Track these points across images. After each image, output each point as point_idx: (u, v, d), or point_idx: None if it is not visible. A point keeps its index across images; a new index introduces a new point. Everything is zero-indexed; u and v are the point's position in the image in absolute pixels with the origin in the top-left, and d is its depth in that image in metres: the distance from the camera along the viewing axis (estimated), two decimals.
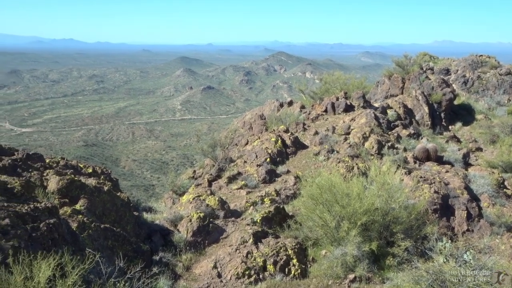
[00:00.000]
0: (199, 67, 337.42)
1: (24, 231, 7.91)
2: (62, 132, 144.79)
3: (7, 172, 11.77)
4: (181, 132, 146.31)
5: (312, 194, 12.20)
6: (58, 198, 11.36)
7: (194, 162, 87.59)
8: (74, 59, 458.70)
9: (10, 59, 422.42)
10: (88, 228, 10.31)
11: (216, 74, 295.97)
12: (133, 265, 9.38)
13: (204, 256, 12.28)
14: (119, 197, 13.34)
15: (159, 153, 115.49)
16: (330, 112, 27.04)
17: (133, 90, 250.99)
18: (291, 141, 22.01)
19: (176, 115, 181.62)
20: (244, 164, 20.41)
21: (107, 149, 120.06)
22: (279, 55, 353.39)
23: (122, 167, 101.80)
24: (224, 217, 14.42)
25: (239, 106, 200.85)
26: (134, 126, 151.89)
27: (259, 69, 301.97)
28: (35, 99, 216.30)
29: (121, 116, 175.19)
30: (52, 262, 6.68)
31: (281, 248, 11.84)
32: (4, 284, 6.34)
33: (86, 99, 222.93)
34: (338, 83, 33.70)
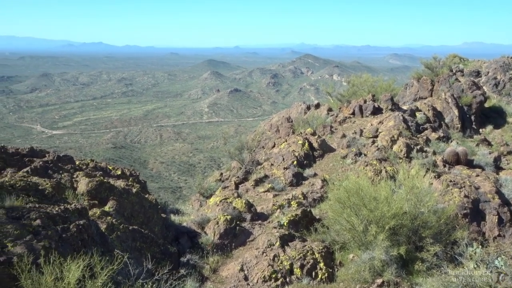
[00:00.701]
0: (226, 70, 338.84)
1: (54, 232, 8.04)
2: (91, 135, 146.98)
3: (38, 174, 12.00)
4: (208, 134, 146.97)
5: (339, 198, 12.12)
6: (87, 200, 11.54)
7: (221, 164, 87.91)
8: (103, 62, 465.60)
9: (42, 62, 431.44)
10: (116, 230, 10.43)
11: (243, 76, 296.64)
12: (161, 267, 9.44)
13: (231, 258, 12.30)
14: (147, 199, 13.47)
15: (187, 156, 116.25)
16: (357, 114, 26.83)
17: (161, 93, 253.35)
18: (318, 144, 21.91)
19: (203, 118, 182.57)
20: (271, 167, 20.40)
21: (135, 151, 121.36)
22: (306, 57, 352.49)
23: (150, 169, 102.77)
24: (251, 220, 14.43)
25: (266, 108, 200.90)
26: (162, 129, 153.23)
27: (286, 72, 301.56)
28: (65, 102, 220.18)
29: (149, 119, 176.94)
30: (82, 263, 6.77)
31: (308, 252, 11.79)
32: (36, 284, 6.44)
33: (115, 101, 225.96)
34: (365, 85, 33.42)
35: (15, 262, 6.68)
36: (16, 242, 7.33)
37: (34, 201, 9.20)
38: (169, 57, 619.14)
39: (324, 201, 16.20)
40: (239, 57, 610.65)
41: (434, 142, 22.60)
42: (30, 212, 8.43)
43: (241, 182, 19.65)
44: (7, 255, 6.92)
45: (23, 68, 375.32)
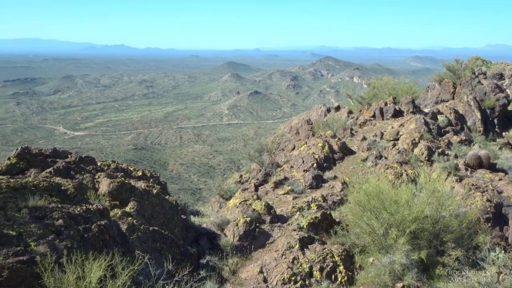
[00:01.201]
0: (246, 72, 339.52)
1: (76, 232, 8.14)
2: (112, 136, 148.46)
3: (61, 174, 12.16)
4: (228, 136, 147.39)
5: (359, 201, 12.05)
6: (109, 200, 11.65)
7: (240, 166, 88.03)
8: (125, 64, 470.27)
9: (65, 64, 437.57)
10: (137, 230, 10.52)
11: (263, 79, 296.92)
12: (181, 268, 9.49)
13: (250, 260, 12.31)
14: (168, 200, 13.56)
15: (206, 157, 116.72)
16: (378, 117, 26.66)
17: (181, 95, 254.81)
18: (338, 146, 21.83)
19: (223, 120, 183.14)
20: (290, 169, 20.37)
21: (156, 153, 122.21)
22: (326, 59, 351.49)
23: (170, 171, 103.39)
24: (270, 222, 14.42)
25: (286, 111, 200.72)
26: (182, 130, 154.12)
27: (306, 74, 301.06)
28: (87, 104, 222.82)
29: (170, 121, 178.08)
30: (103, 263, 6.84)
31: (327, 255, 11.74)
32: (58, 282, 6.53)
33: (136, 103, 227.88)
34: (386, 88, 33.19)
35: (38, 261, 6.78)
36: (39, 242, 7.44)
37: (56, 201, 9.33)
38: (189, 59, 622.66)
39: (344, 204, 16.13)
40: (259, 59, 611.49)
41: (456, 145, 22.34)
42: (53, 212, 8.55)
43: (260, 184, 19.66)
44: (30, 254, 7.02)
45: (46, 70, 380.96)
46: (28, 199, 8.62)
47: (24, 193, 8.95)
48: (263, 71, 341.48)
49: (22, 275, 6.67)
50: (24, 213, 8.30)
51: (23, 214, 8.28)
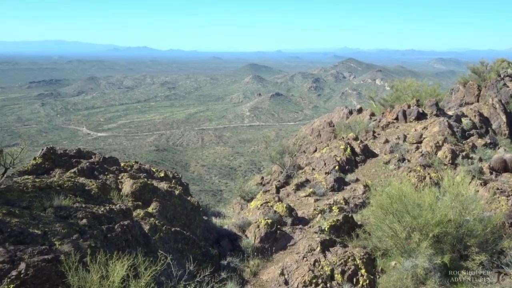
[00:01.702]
0: (267, 74, 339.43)
1: (100, 232, 8.23)
2: (135, 137, 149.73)
3: (85, 175, 12.32)
4: (249, 138, 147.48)
5: (381, 204, 11.97)
6: (131, 201, 11.76)
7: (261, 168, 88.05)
8: (147, 66, 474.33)
9: (89, 66, 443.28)
10: (159, 231, 10.60)
11: (284, 81, 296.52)
12: (202, 269, 9.53)
13: (271, 262, 12.31)
14: (189, 201, 13.63)
15: (227, 159, 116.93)
16: (401, 120, 26.44)
17: (203, 96, 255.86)
18: (361, 149, 21.70)
19: (245, 122, 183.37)
20: (312, 171, 20.32)
21: (178, 154, 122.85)
22: (348, 61, 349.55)
23: (192, 172, 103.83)
24: (291, 224, 14.40)
25: (307, 113, 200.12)
26: (204, 132, 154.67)
27: (328, 76, 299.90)
28: (110, 105, 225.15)
29: (191, 122, 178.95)
30: (126, 263, 6.90)
31: (349, 258, 11.68)
32: (82, 281, 6.61)
33: (158, 105, 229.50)
34: (409, 90, 32.88)
35: (62, 260, 6.87)
36: (63, 241, 7.54)
37: (81, 201, 9.45)
38: (211, 61, 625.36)
39: (366, 207, 16.02)
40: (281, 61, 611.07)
41: (481, 148, 22.04)
42: (77, 211, 8.66)
43: (282, 186, 19.64)
44: (55, 253, 7.12)
45: (70, 72, 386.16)
46: (53, 198, 8.74)
47: (49, 193, 9.08)
48: (284, 73, 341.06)
49: (47, 273, 6.76)
50: (49, 213, 8.42)
51: (48, 213, 8.40)
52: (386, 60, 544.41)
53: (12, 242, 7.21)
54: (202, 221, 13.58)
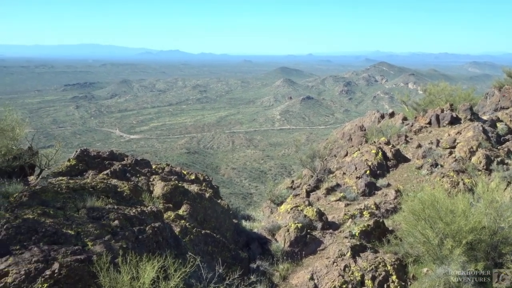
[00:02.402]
0: (298, 78, 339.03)
1: (131, 233, 8.33)
2: (166, 140, 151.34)
3: (117, 177, 12.49)
4: (279, 141, 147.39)
5: (413, 209, 11.80)
6: (162, 203, 11.88)
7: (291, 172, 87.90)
8: (179, 69, 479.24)
9: (122, 69, 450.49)
10: (189, 233, 10.66)
11: (315, 84, 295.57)
12: (232, 272, 9.55)
13: (301, 267, 12.26)
14: (220, 204, 13.69)
15: (258, 162, 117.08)
16: (434, 124, 26.02)
17: (234, 99, 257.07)
18: (392, 153, 21.45)
19: (275, 125, 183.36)
20: (343, 175, 20.18)
21: (208, 157, 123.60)
22: (380, 65, 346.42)
23: (222, 175, 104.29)
24: (321, 229, 14.32)
25: (338, 116, 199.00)
26: (234, 135, 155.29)
27: (359, 80, 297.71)
28: (143, 108, 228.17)
29: (222, 125, 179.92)
30: (156, 264, 6.98)
31: (380, 264, 11.55)
32: (113, 282, 6.70)
33: (190, 108, 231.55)
34: (443, 94, 32.36)
35: (94, 260, 6.99)
36: (96, 241, 7.66)
37: (113, 203, 9.58)
38: (242, 64, 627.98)
39: (397, 213, 15.82)
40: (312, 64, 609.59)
41: None
42: (109, 213, 8.79)
43: (312, 190, 19.55)
44: (88, 253, 7.24)
45: (104, 75, 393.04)
46: (86, 200, 8.89)
47: (83, 194, 9.25)
48: (315, 77, 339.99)
49: (80, 273, 6.88)
50: (82, 214, 8.57)
51: (81, 214, 8.55)
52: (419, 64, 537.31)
53: (46, 242, 7.36)
54: (232, 224, 13.62)
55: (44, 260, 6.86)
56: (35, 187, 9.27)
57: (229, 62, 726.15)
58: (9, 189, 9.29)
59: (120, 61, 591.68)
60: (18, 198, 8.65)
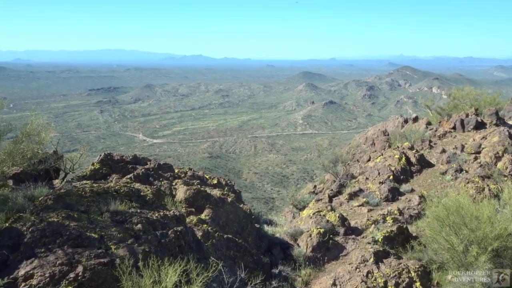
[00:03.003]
0: (321, 82, 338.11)
1: (154, 237, 8.38)
2: (189, 144, 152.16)
3: (140, 181, 12.59)
4: (301, 146, 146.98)
5: (438, 215, 11.64)
6: (185, 207, 11.93)
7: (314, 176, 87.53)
8: (202, 74, 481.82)
9: (145, 74, 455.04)
10: (212, 238, 10.69)
11: (338, 89, 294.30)
12: (254, 277, 9.54)
13: (323, 272, 12.19)
14: (242, 209, 13.69)
15: (280, 167, 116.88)
16: (458, 129, 25.68)
17: (256, 104, 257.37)
18: (416, 158, 21.22)
19: (297, 129, 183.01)
20: (365, 181, 20.03)
21: (230, 161, 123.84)
22: (404, 69, 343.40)
23: (244, 179, 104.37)
24: (344, 234, 14.22)
25: (361, 121, 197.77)
26: (256, 140, 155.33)
27: (382, 84, 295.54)
28: (165, 112, 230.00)
29: (244, 130, 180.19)
30: (179, 268, 6.99)
31: (403, 270, 11.42)
32: (135, 286, 6.74)
33: (212, 112, 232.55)
34: (468, 98, 31.92)
35: (117, 264, 7.04)
36: (119, 245, 7.72)
37: (136, 207, 9.65)
38: (265, 69, 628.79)
39: (421, 218, 15.64)
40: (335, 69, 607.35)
41: None
42: (132, 216, 8.85)
43: (334, 195, 19.45)
44: (111, 256, 7.30)
45: (128, 80, 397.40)
46: (109, 203, 8.98)
47: (106, 198, 9.33)
48: (338, 81, 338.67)
49: (103, 276, 6.94)
50: (105, 217, 8.65)
51: (105, 218, 8.63)
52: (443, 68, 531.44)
53: (71, 245, 7.44)
54: (254, 229, 13.61)
55: (68, 263, 6.94)
56: (59, 190, 9.38)
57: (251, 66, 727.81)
58: (35, 193, 9.43)
59: (144, 66, 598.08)
60: (43, 202, 8.77)
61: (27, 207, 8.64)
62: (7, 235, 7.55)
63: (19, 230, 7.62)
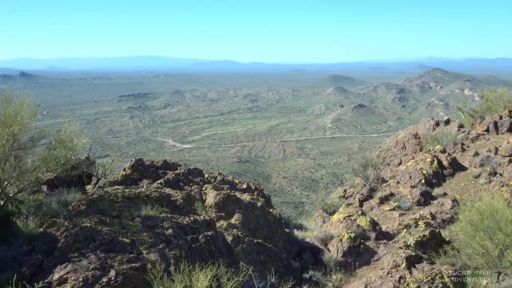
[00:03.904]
0: (350, 85, 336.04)
1: (184, 242, 8.42)
2: (218, 149, 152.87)
3: (171, 185, 12.70)
4: (331, 150, 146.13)
5: (471, 220, 11.42)
6: (215, 212, 11.97)
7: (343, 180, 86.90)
8: (230, 79, 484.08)
9: (174, 80, 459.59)
10: (242, 242, 10.69)
11: (367, 92, 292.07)
12: (284, 282, 9.51)
13: (354, 277, 12.06)
14: (271, 213, 13.68)
15: (309, 171, 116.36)
16: (492, 131, 25.18)
17: (285, 108, 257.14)
18: (448, 162, 20.88)
19: (327, 133, 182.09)
20: (397, 184, 19.80)
21: (259, 166, 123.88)
22: (434, 71, 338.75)
23: (273, 184, 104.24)
24: (375, 239, 14.07)
25: (391, 124, 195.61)
26: (285, 144, 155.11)
27: (412, 87, 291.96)
28: (195, 117, 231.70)
29: (273, 134, 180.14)
30: (209, 273, 7.01)
31: (436, 275, 11.21)
32: None
33: (241, 117, 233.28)
34: (501, 100, 31.29)
35: (148, 268, 7.10)
36: (150, 250, 7.79)
37: (166, 211, 9.73)
38: (293, 73, 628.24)
39: (454, 223, 15.36)
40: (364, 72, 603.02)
41: None
42: (163, 221, 8.93)
43: (365, 199, 19.28)
44: (142, 261, 7.37)
45: (157, 86, 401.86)
46: (140, 208, 9.07)
47: (137, 203, 9.44)
48: (367, 84, 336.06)
49: (135, 281, 7.01)
50: (137, 222, 8.74)
51: (136, 222, 8.73)
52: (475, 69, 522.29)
53: (103, 249, 7.54)
54: (284, 234, 13.57)
55: (101, 267, 7.03)
56: (92, 196, 9.53)
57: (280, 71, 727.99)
58: (68, 198, 9.61)
59: (173, 72, 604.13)
60: (76, 207, 8.91)
61: (61, 212, 8.80)
62: (41, 240, 7.70)
63: (53, 235, 7.76)
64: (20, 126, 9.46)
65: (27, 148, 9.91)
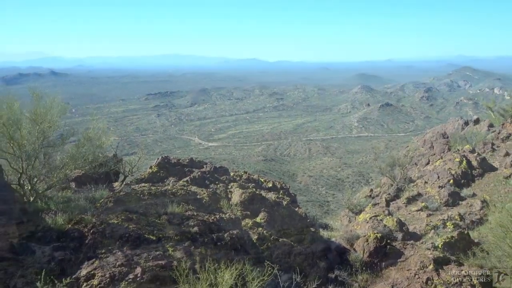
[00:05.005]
0: (377, 84, 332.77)
1: (210, 240, 8.44)
2: (243, 147, 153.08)
3: (196, 183, 12.74)
4: (357, 149, 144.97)
5: (501, 221, 11.18)
6: (240, 210, 11.98)
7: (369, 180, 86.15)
8: (256, 77, 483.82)
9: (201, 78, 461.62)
10: (267, 241, 10.67)
11: (394, 90, 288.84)
12: (309, 281, 9.45)
13: (381, 278, 11.92)
14: (297, 212, 13.62)
15: (335, 170, 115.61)
16: None
17: (311, 107, 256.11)
18: (478, 162, 20.50)
19: (353, 132, 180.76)
20: (424, 184, 19.53)
21: (285, 164, 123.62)
22: (463, 70, 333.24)
23: (299, 182, 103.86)
24: (402, 239, 13.89)
25: (419, 123, 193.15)
26: (311, 143, 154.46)
27: (441, 85, 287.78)
28: (220, 116, 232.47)
29: (299, 133, 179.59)
30: (235, 272, 6.99)
31: (465, 277, 11.01)
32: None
33: (266, 115, 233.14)
34: None
35: (174, 266, 7.12)
36: (176, 247, 7.81)
37: (192, 209, 9.76)
38: (319, 71, 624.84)
39: (483, 224, 15.08)
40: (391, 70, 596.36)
41: None
42: (189, 219, 8.95)
43: (392, 199, 19.07)
44: (168, 258, 7.40)
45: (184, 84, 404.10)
46: (167, 206, 9.11)
47: (163, 200, 9.48)
48: (395, 83, 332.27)
49: (160, 278, 7.04)
50: (163, 219, 8.78)
51: (162, 220, 8.77)
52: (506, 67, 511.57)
53: (130, 246, 7.59)
54: (310, 233, 13.49)
55: (128, 264, 7.08)
56: (119, 193, 9.62)
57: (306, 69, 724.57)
58: (96, 195, 9.71)
59: (199, 70, 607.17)
60: (104, 204, 9.01)
61: (89, 209, 8.89)
62: (70, 236, 7.79)
63: (81, 231, 7.86)
64: (50, 124, 9.60)
65: (56, 145, 10.05)
